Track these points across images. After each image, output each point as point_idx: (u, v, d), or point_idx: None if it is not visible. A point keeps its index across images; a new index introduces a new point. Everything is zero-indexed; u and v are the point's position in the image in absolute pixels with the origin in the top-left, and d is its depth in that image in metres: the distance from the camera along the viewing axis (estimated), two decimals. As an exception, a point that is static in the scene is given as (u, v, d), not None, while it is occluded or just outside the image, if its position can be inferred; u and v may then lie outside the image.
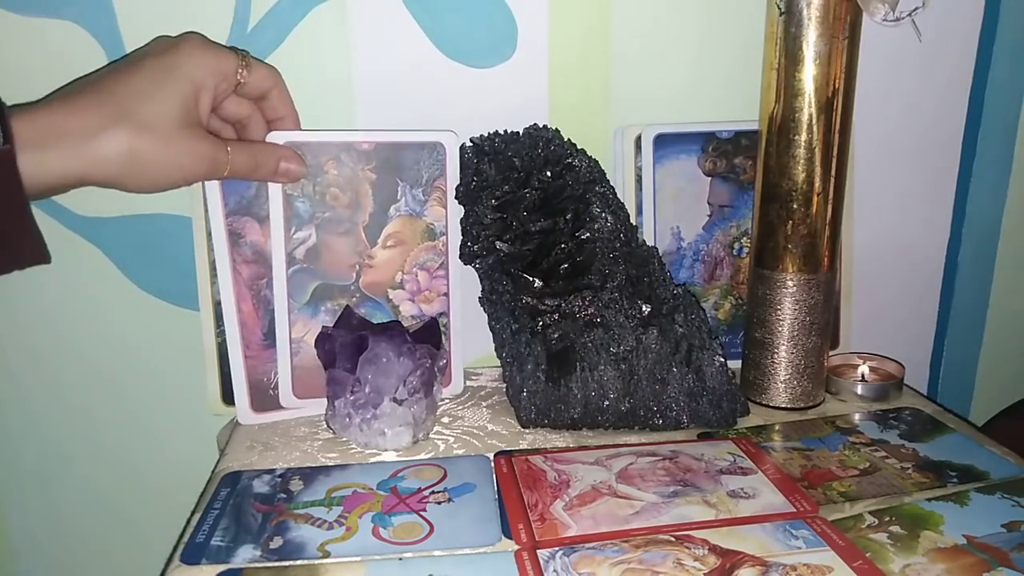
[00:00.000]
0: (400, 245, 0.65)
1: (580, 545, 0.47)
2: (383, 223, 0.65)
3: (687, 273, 0.73)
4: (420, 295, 0.66)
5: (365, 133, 0.65)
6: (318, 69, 0.69)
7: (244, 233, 0.63)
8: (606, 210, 0.64)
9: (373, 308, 0.65)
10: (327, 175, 0.63)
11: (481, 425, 0.64)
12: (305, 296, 0.64)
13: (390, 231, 0.65)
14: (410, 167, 0.65)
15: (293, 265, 0.63)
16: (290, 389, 0.64)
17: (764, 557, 0.46)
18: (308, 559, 0.46)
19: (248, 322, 0.63)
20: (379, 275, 0.65)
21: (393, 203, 0.65)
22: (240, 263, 0.63)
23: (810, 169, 0.62)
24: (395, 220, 0.65)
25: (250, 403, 0.64)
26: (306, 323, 0.64)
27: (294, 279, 0.63)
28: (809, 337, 0.64)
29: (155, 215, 0.70)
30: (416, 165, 0.65)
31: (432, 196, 0.65)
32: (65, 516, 0.77)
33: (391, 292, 0.66)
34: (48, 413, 0.74)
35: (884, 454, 0.58)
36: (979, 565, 0.45)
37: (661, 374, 0.61)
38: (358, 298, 0.65)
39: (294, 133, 0.62)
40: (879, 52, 0.72)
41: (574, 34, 0.71)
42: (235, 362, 0.63)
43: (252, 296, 0.63)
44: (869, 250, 0.79)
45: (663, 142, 0.71)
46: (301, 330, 0.64)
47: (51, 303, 0.71)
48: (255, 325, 0.63)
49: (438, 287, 0.67)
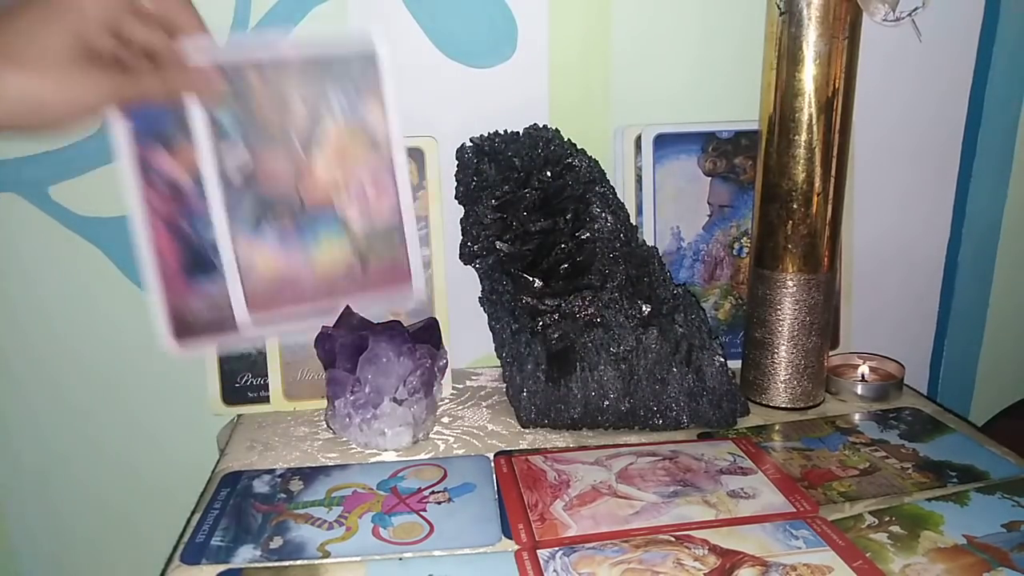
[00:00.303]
0: (341, 156, 0.61)
1: (580, 545, 0.47)
2: (320, 133, 0.60)
3: (687, 273, 0.73)
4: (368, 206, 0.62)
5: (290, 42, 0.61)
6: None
7: (153, 162, 0.59)
8: (606, 210, 0.64)
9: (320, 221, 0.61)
10: (253, 89, 0.58)
11: (481, 425, 0.64)
12: (247, 218, 0.60)
13: (328, 141, 0.61)
14: (342, 76, 0.60)
15: (228, 184, 0.59)
16: (244, 307, 0.60)
17: (764, 557, 0.46)
18: (308, 559, 0.46)
19: (164, 251, 0.60)
20: (322, 187, 0.61)
21: (328, 112, 0.60)
22: (151, 193, 0.59)
23: (810, 169, 0.62)
24: (332, 129, 0.61)
25: (173, 332, 0.60)
26: (251, 243, 0.60)
27: (232, 202, 0.59)
28: (809, 337, 0.64)
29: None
30: (349, 74, 0.60)
31: (370, 105, 0.61)
32: (65, 516, 0.77)
33: (337, 205, 0.62)
34: (48, 413, 0.74)
35: (884, 454, 0.58)
36: (979, 565, 0.45)
37: (661, 374, 0.61)
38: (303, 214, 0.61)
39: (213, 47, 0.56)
40: (879, 52, 0.71)
41: (574, 34, 0.71)
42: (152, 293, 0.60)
43: (166, 226, 0.59)
44: (869, 250, 0.79)
45: (663, 142, 0.71)
46: (247, 250, 0.60)
47: (51, 303, 0.71)
48: (171, 255, 0.60)
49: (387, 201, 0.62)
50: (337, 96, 0.60)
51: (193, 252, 0.61)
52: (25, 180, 0.69)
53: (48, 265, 0.71)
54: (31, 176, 0.69)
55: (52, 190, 0.69)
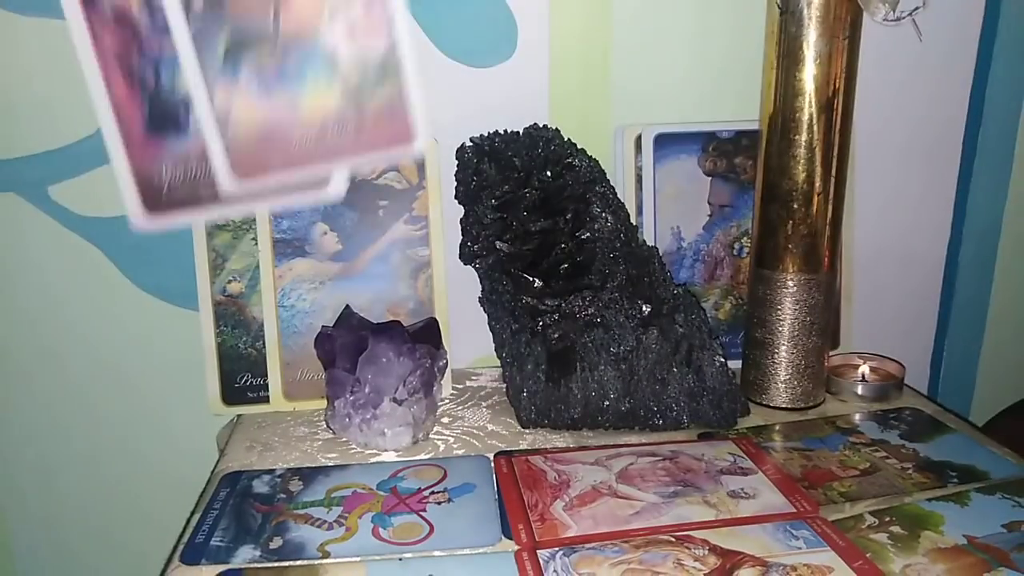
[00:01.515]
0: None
1: (580, 545, 0.47)
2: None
3: (687, 273, 0.73)
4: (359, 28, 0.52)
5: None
6: (318, 69, 0.69)
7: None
8: (606, 210, 0.64)
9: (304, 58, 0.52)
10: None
11: (481, 425, 0.64)
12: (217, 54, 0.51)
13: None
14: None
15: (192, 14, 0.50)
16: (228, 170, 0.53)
17: (764, 557, 0.46)
18: (308, 559, 0.46)
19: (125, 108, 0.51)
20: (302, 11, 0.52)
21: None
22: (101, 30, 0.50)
23: (810, 169, 0.62)
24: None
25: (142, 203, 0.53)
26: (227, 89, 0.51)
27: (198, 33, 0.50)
28: (809, 337, 0.64)
29: (155, 215, 0.70)
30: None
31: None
32: (65, 516, 0.77)
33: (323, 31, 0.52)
34: (47, 413, 0.74)
35: (884, 454, 0.58)
36: (979, 565, 0.45)
37: (661, 374, 0.61)
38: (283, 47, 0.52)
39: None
40: (879, 52, 0.71)
41: (574, 34, 0.71)
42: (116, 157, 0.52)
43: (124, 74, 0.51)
44: (869, 250, 0.79)
45: (663, 142, 0.71)
46: (224, 98, 0.51)
47: (51, 303, 0.71)
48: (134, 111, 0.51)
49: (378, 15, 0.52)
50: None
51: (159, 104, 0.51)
52: (25, 180, 0.69)
53: (48, 265, 0.71)
54: (31, 176, 0.69)
55: (52, 190, 0.69)
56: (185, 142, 0.52)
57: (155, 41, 0.50)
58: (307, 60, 0.52)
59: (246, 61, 0.51)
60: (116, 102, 0.51)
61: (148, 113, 0.51)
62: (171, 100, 0.51)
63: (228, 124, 0.51)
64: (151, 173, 0.52)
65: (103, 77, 0.50)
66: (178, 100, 0.51)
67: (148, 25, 0.50)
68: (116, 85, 0.51)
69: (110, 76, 0.51)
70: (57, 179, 0.69)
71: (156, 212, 0.53)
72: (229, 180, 0.52)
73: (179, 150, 0.52)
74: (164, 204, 0.53)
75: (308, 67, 0.52)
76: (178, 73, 0.50)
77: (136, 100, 0.51)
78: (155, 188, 0.52)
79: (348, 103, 0.53)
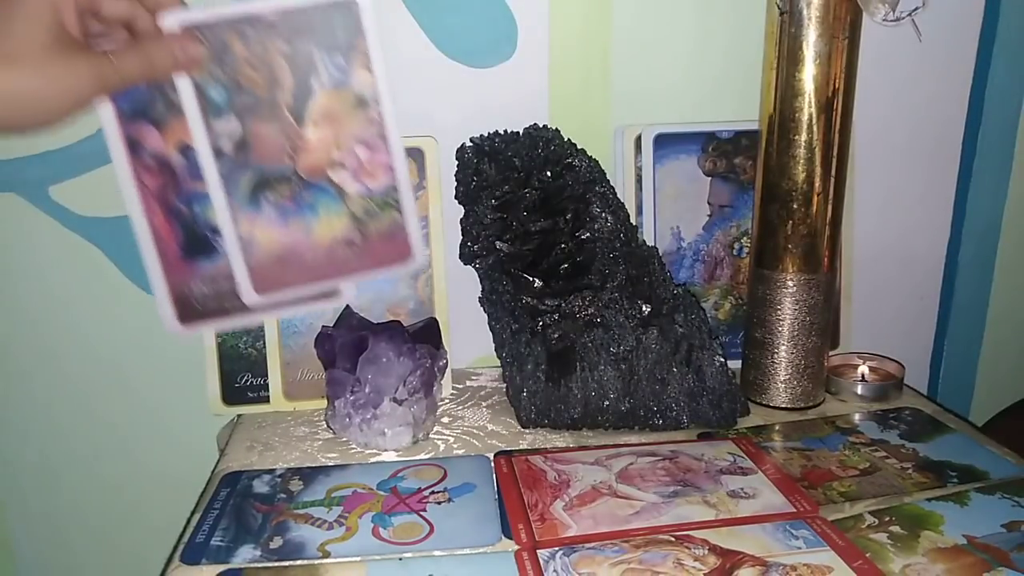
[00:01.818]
0: (331, 121, 0.59)
1: (580, 545, 0.47)
2: (308, 99, 0.59)
3: (687, 273, 0.73)
4: (363, 171, 0.60)
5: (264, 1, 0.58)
6: (318, 69, 0.69)
7: (143, 141, 0.58)
8: (606, 210, 0.64)
9: (317, 193, 0.60)
10: (235, 55, 0.57)
11: (481, 425, 0.64)
12: (243, 191, 0.59)
13: (317, 106, 0.59)
14: (323, 32, 0.58)
15: (222, 159, 0.58)
16: (250, 287, 0.59)
17: (764, 557, 0.46)
18: (308, 559, 0.46)
19: (163, 236, 0.59)
20: (315, 156, 0.60)
21: (313, 75, 0.58)
22: (144, 174, 0.58)
23: (810, 169, 0.62)
24: (320, 94, 0.59)
25: (177, 316, 0.59)
26: (251, 219, 0.59)
27: (226, 174, 0.58)
28: (809, 337, 0.64)
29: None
30: (329, 28, 0.58)
31: (355, 61, 0.59)
32: (65, 516, 0.77)
33: (332, 173, 0.60)
34: (47, 413, 0.74)
35: (884, 454, 0.58)
36: (979, 565, 0.45)
37: (661, 374, 0.61)
38: (299, 184, 0.60)
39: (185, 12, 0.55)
40: (879, 52, 0.71)
41: (574, 33, 0.71)
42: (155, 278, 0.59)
43: (162, 208, 0.59)
44: (869, 250, 0.79)
45: (663, 142, 0.71)
46: (247, 227, 0.59)
47: (51, 303, 0.71)
48: (171, 239, 0.59)
49: (380, 160, 0.60)
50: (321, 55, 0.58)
51: (192, 233, 0.60)
52: (25, 180, 0.69)
53: (48, 265, 0.71)
54: (31, 176, 0.69)
55: (52, 190, 0.69)
56: (215, 263, 0.60)
57: (189, 180, 0.59)
58: (319, 195, 0.60)
59: (267, 196, 0.59)
60: (155, 231, 0.59)
61: (183, 240, 0.59)
62: (202, 228, 0.60)
63: (251, 248, 0.59)
64: (185, 290, 0.60)
65: (144, 210, 0.58)
66: (208, 228, 0.59)
67: (183, 167, 0.59)
68: (155, 216, 0.59)
69: (150, 209, 0.59)
70: (57, 179, 0.69)
71: (189, 323, 0.60)
72: (251, 295, 0.60)
73: (209, 270, 0.60)
74: (196, 316, 0.60)
75: (320, 201, 0.61)
76: (208, 206, 0.59)
77: (172, 229, 0.59)
78: (188, 303, 0.60)
79: (354, 229, 0.61)
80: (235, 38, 0.57)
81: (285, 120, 0.59)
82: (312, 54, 0.58)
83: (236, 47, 0.57)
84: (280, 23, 0.57)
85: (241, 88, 0.58)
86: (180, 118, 0.58)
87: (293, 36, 0.58)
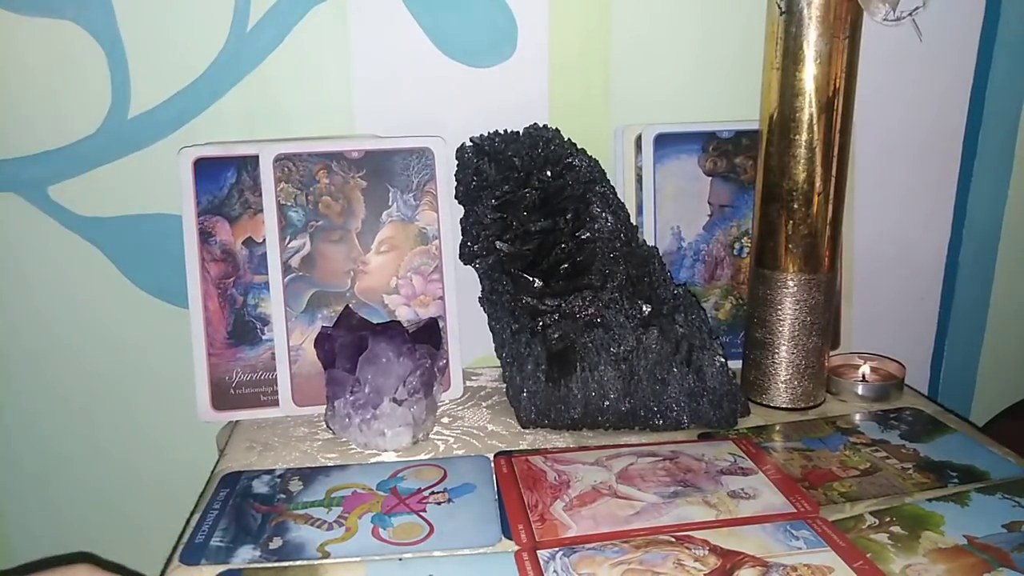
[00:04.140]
0: (393, 250, 0.66)
1: (580, 546, 0.47)
2: (376, 229, 0.66)
3: (687, 273, 0.73)
4: (415, 299, 0.67)
5: (355, 141, 0.66)
6: (318, 69, 0.69)
7: (214, 232, 0.64)
8: (606, 210, 0.64)
9: (369, 314, 0.66)
10: (318, 184, 0.64)
11: (481, 425, 0.64)
12: (302, 304, 0.65)
13: (383, 237, 0.66)
14: (400, 173, 0.66)
15: (289, 274, 0.64)
16: (290, 397, 0.65)
17: (764, 558, 0.46)
18: (308, 559, 0.46)
19: (213, 319, 0.64)
20: (373, 281, 0.66)
21: (385, 209, 0.66)
22: (209, 261, 0.64)
23: (810, 169, 0.62)
24: (387, 226, 0.66)
25: (211, 400, 0.64)
26: (303, 331, 0.65)
27: (290, 287, 0.64)
28: (810, 337, 0.64)
29: (155, 215, 0.70)
30: (406, 171, 0.66)
31: (423, 200, 0.66)
32: (64, 517, 0.77)
33: (386, 297, 0.66)
34: (47, 413, 0.74)
35: (885, 454, 0.58)
36: (980, 565, 0.45)
37: (661, 374, 0.61)
38: (354, 304, 0.66)
39: (285, 144, 0.63)
40: (879, 52, 0.71)
41: (574, 34, 0.71)
42: (198, 358, 0.64)
43: (219, 294, 0.64)
44: (869, 250, 0.79)
45: (663, 142, 0.71)
46: (299, 337, 0.65)
47: (50, 303, 0.71)
48: (220, 323, 0.64)
49: (433, 291, 0.67)
50: (394, 192, 0.65)
51: (240, 321, 0.65)
52: (25, 180, 0.69)
53: (48, 265, 0.71)
54: (31, 176, 0.69)
55: (52, 190, 0.69)
56: (257, 353, 0.65)
57: (248, 274, 0.65)
58: (371, 316, 0.66)
59: (322, 312, 0.65)
60: (208, 315, 0.64)
61: (231, 326, 0.64)
62: (251, 318, 0.65)
63: (297, 358, 0.65)
64: (223, 376, 0.64)
65: (202, 293, 0.64)
66: (256, 318, 0.65)
67: (245, 258, 0.65)
68: (210, 300, 0.64)
69: (207, 293, 0.64)
70: (57, 179, 0.69)
71: (221, 410, 0.65)
72: (290, 406, 0.65)
73: (251, 359, 0.65)
74: (228, 404, 0.65)
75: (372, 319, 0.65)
76: (261, 297, 0.65)
77: (224, 315, 0.64)
78: (223, 389, 0.64)
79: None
80: (322, 171, 0.64)
81: (352, 245, 0.65)
82: (387, 191, 0.66)
83: (321, 177, 0.65)
84: (363, 162, 0.65)
85: (318, 212, 0.65)
86: (252, 215, 0.64)
87: (372, 173, 0.65)
